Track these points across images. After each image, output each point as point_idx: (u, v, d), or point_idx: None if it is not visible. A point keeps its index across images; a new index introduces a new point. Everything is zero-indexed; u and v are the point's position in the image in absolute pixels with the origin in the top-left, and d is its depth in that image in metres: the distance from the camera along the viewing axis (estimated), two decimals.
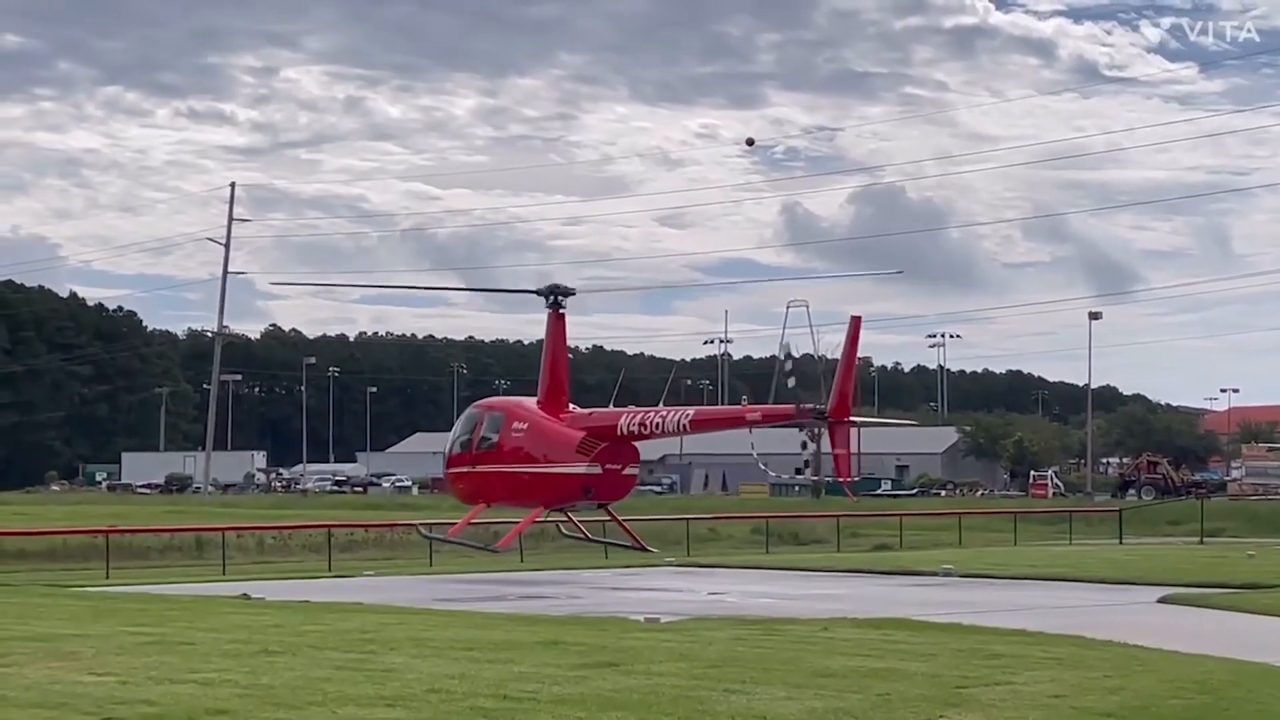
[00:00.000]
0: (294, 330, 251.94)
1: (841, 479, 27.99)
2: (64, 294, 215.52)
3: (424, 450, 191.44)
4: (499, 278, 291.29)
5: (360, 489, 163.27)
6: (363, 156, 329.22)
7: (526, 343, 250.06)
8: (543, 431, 29.47)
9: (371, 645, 22.12)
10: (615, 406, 36.90)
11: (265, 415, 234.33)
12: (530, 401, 33.38)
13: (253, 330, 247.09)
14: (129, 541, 59.72)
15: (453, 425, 39.14)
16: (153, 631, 24.44)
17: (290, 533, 65.60)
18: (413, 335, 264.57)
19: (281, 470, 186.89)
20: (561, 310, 32.52)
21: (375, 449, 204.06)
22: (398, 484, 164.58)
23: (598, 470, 28.22)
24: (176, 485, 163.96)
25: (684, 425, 29.92)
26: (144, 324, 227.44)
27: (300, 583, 42.86)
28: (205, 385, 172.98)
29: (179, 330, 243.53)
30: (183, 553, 61.22)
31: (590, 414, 31.25)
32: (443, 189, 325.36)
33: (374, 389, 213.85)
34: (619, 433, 29.18)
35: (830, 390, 30.49)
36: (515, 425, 31.17)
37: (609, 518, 38.50)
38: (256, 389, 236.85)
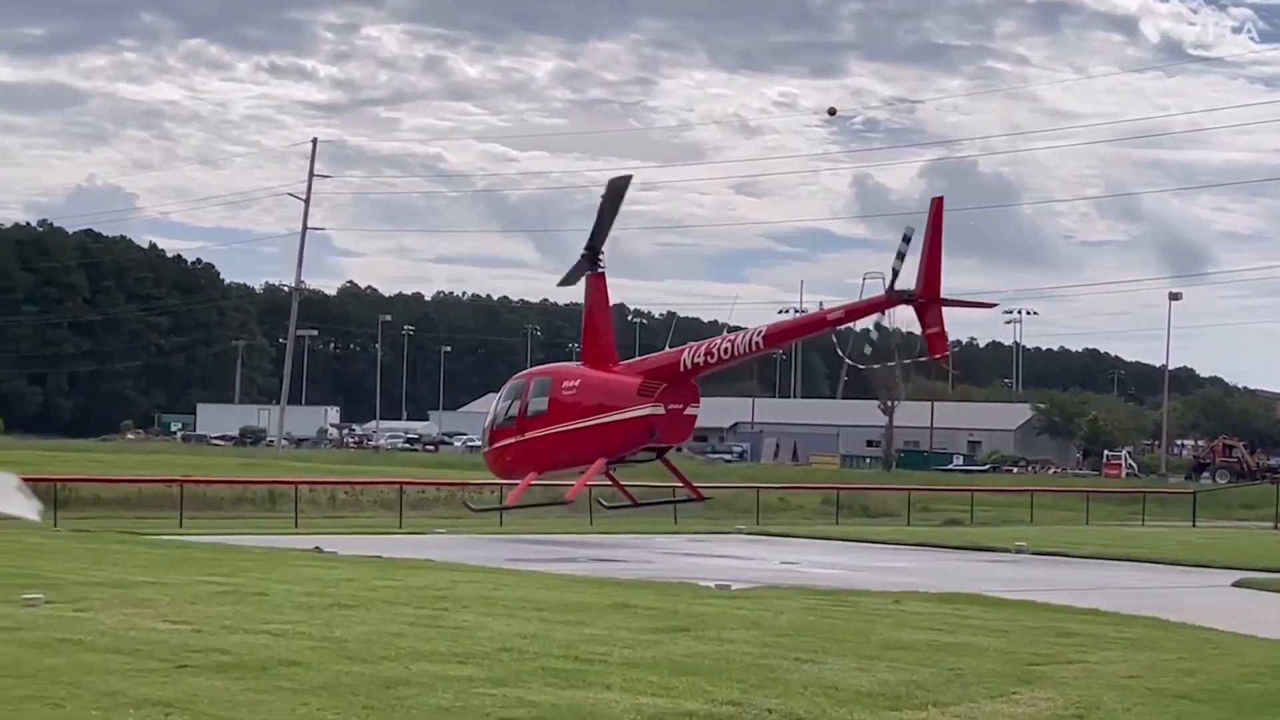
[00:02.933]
0: (370, 288, 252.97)
1: (937, 355, 26.78)
2: (143, 245, 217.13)
3: None
4: (570, 241, 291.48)
5: (432, 447, 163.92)
6: (441, 116, 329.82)
7: None
8: (598, 382, 28.43)
9: (443, 602, 22.19)
10: None
11: (340, 371, 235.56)
12: (574, 364, 32.52)
13: (329, 286, 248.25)
14: (202, 492, 60.10)
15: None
16: (227, 581, 24.61)
17: (362, 488, 65.85)
18: (488, 296, 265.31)
19: (354, 426, 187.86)
20: (601, 270, 31.63)
21: (448, 408, 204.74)
22: (469, 443, 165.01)
23: (661, 411, 27.00)
24: (250, 438, 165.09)
25: (756, 344, 28.18)
26: (221, 277, 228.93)
27: (372, 538, 43.08)
28: (281, 340, 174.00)
29: (256, 284, 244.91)
30: (255, 505, 61.54)
31: (645, 358, 30.40)
32: (520, 151, 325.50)
33: (448, 348, 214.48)
34: (681, 369, 27.82)
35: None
36: (565, 384, 30.32)
37: (647, 477, 37.35)
38: (332, 345, 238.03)
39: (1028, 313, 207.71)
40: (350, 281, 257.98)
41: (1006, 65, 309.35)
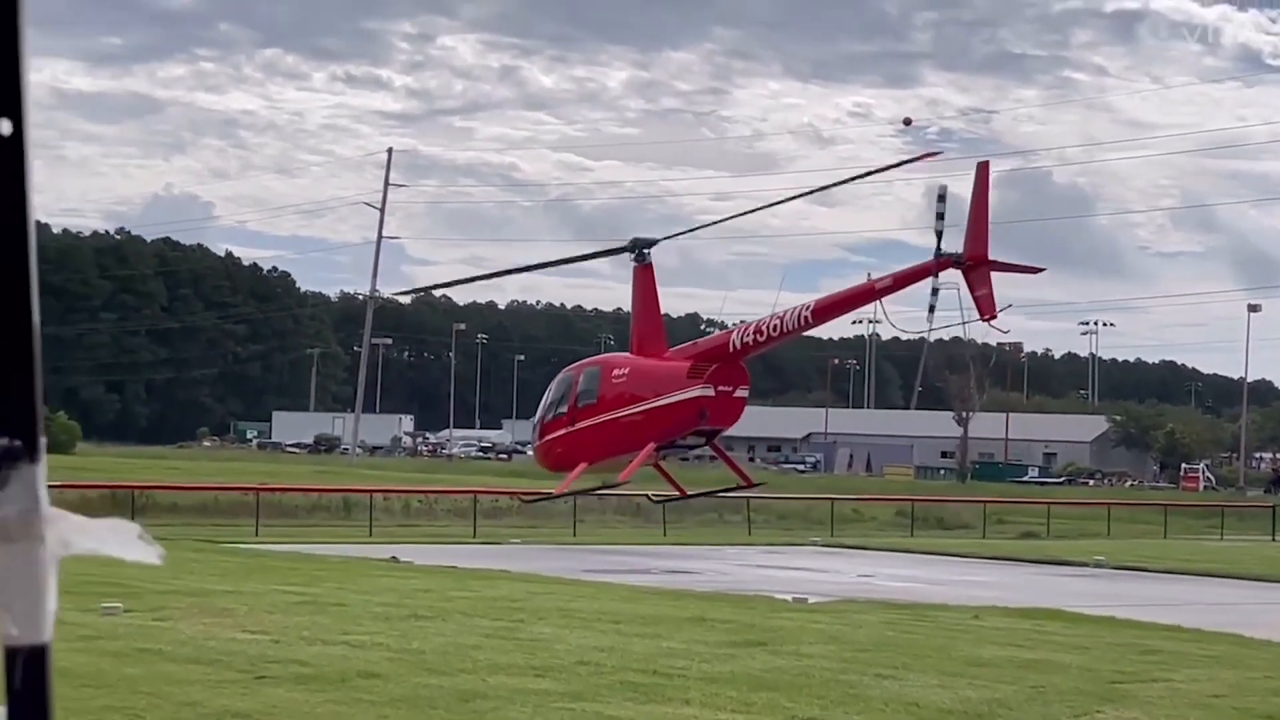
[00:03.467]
0: (444, 297, 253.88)
1: (986, 317, 26.58)
2: (220, 253, 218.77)
3: None
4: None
5: (505, 456, 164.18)
6: (515, 125, 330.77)
7: (674, 316, 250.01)
8: (648, 369, 28.37)
9: (520, 614, 22.14)
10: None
11: (414, 379, 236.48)
12: (623, 354, 32.59)
13: (404, 295, 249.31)
14: (278, 500, 60.39)
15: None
16: (304, 591, 24.65)
17: (436, 497, 66.00)
18: (561, 305, 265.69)
19: (428, 435, 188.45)
20: (647, 263, 31.58)
21: (521, 417, 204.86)
22: None
23: (711, 393, 26.86)
24: (325, 446, 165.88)
25: (805, 319, 27.97)
26: (297, 285, 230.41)
27: (446, 547, 43.12)
28: (356, 348, 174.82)
29: (331, 292, 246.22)
30: (330, 513, 61.77)
31: (695, 342, 30.41)
32: (594, 160, 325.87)
33: (521, 357, 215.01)
34: (731, 349, 27.73)
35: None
36: (615, 373, 30.24)
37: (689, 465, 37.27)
38: (406, 353, 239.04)
39: (1104, 324, 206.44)
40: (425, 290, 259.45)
41: (1083, 75, 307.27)
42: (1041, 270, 36.56)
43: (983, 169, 26.79)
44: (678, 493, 37.37)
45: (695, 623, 21.75)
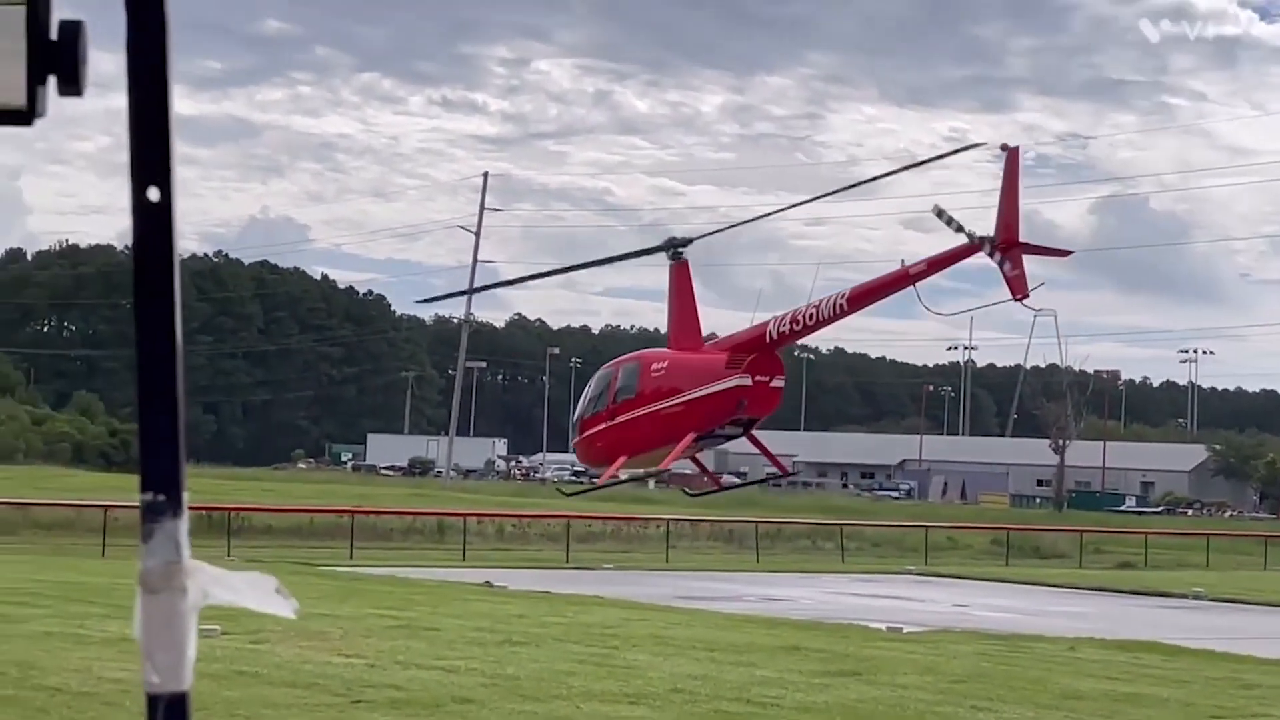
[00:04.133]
0: (539, 320, 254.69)
1: (1019, 297, 27.04)
2: (316, 276, 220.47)
3: None
4: (736, 275, 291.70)
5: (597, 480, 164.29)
6: (610, 150, 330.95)
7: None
8: (687, 361, 29.29)
9: (614, 640, 22.16)
10: None
11: (507, 403, 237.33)
12: (660, 349, 33.45)
13: (498, 318, 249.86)
14: (372, 522, 60.74)
15: None
16: (399, 615, 24.78)
17: (529, 521, 66.22)
18: (655, 330, 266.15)
19: (521, 458, 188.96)
20: (682, 260, 32.47)
21: None
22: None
23: (748, 382, 27.67)
24: (419, 468, 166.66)
25: (841, 307, 28.47)
26: (392, 308, 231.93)
27: (540, 572, 43.26)
28: (450, 371, 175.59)
29: (426, 316, 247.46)
30: (424, 535, 62.06)
31: (732, 334, 31.22)
32: (688, 185, 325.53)
33: None
34: (767, 339, 28.50)
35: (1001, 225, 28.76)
36: (654, 367, 31.05)
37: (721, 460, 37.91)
38: (500, 377, 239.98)
39: (1203, 352, 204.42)
40: (518, 314, 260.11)
41: (1182, 101, 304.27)
42: (1070, 253, 37.03)
43: (1013, 155, 27.48)
44: (714, 486, 38.31)
45: (789, 651, 21.70)
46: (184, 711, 1.59)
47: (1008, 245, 26.53)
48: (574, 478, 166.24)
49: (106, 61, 1.83)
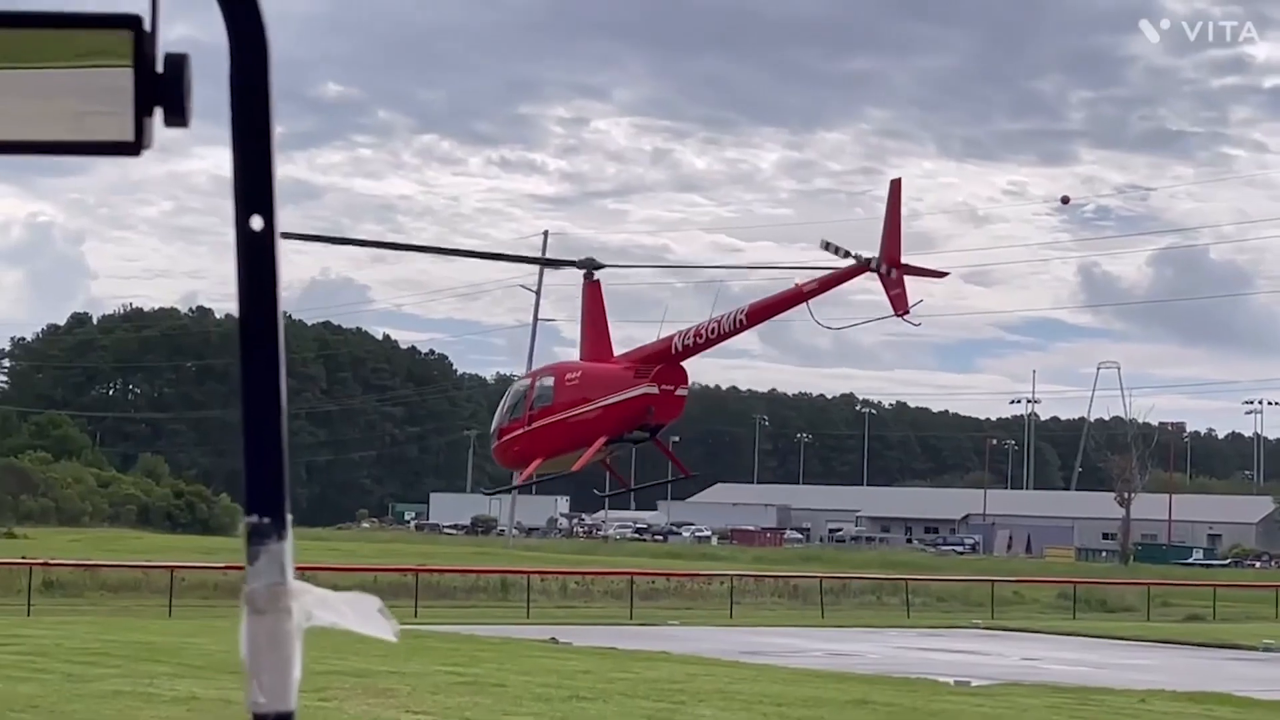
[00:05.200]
0: None
1: (900, 313, 29.00)
2: (378, 336, 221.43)
3: (724, 501, 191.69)
4: (793, 330, 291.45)
5: (660, 537, 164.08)
6: (669, 207, 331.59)
7: (829, 397, 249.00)
8: (598, 371, 31.28)
9: (680, 696, 22.10)
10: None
11: None
12: (574, 360, 35.29)
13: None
14: (436, 581, 60.78)
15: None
16: (465, 672, 24.79)
17: (593, 578, 66.15)
18: (716, 386, 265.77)
19: (584, 516, 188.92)
20: (595, 280, 34.18)
21: (676, 498, 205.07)
22: (698, 534, 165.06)
23: (655, 391, 29.47)
24: (482, 527, 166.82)
25: (740, 321, 30.35)
26: (454, 367, 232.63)
27: (604, 628, 43.17)
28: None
29: (487, 374, 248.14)
30: (488, 594, 62.06)
31: (640, 347, 32.97)
32: (746, 241, 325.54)
33: (676, 438, 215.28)
34: (673, 352, 30.28)
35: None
36: (568, 377, 33.15)
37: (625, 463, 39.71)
38: None
39: (1268, 403, 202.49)
40: None
41: (1242, 151, 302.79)
42: (946, 275, 39.50)
43: (895, 185, 29.58)
44: (623, 486, 40.58)
45: (857, 705, 21.59)
46: None
47: (890, 266, 28.49)
48: (636, 535, 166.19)
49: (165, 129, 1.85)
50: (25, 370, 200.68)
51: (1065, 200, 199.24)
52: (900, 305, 29.20)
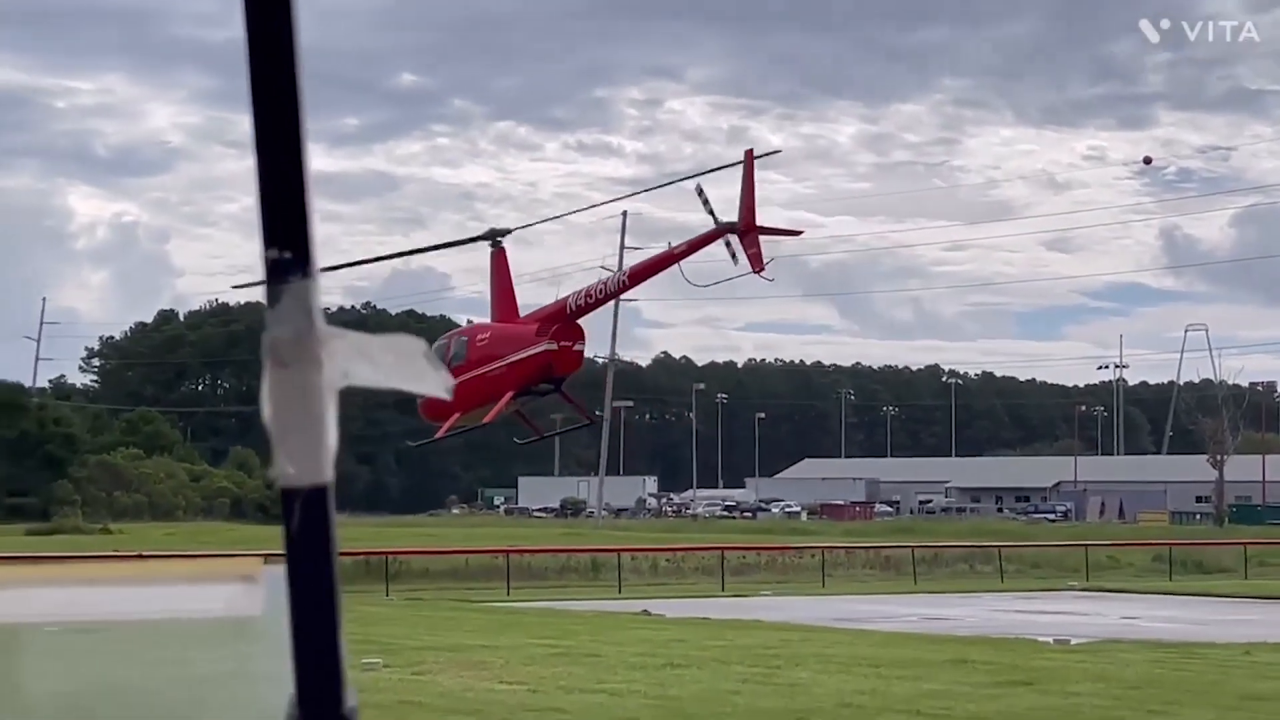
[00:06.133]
0: (684, 357, 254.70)
1: (757, 270, 31.44)
2: (462, 323, 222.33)
3: (813, 476, 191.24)
4: (875, 303, 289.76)
5: (750, 514, 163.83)
6: None
7: (915, 369, 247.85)
8: (504, 331, 34.07)
9: (776, 660, 21.84)
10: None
11: (656, 441, 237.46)
12: (485, 322, 37.87)
13: (642, 358, 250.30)
14: (527, 562, 60.72)
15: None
16: (558, 644, 24.63)
17: (683, 555, 65.90)
18: (800, 361, 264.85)
19: (672, 495, 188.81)
20: (500, 248, 36.45)
21: (764, 474, 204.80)
22: (787, 509, 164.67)
23: (555, 347, 31.86)
24: (571, 509, 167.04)
25: (623, 282, 33.82)
26: None
27: (696, 601, 42.95)
28: (597, 411, 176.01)
29: None
30: (579, 573, 61.92)
31: (539, 309, 35.33)
32: (825, 216, 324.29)
33: (762, 415, 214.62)
34: (568, 312, 32.63)
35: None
36: (479, 338, 35.78)
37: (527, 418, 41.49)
38: (647, 415, 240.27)
39: None
40: (663, 352, 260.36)
41: None
42: (801, 233, 42.29)
43: (748, 155, 31.78)
44: (536, 434, 42.44)
45: (956, 665, 21.26)
46: (325, 507, 1.36)
47: (746, 229, 30.31)
48: (725, 513, 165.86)
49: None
50: (115, 368, 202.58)
51: (1147, 161, 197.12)
52: (756, 264, 32.19)
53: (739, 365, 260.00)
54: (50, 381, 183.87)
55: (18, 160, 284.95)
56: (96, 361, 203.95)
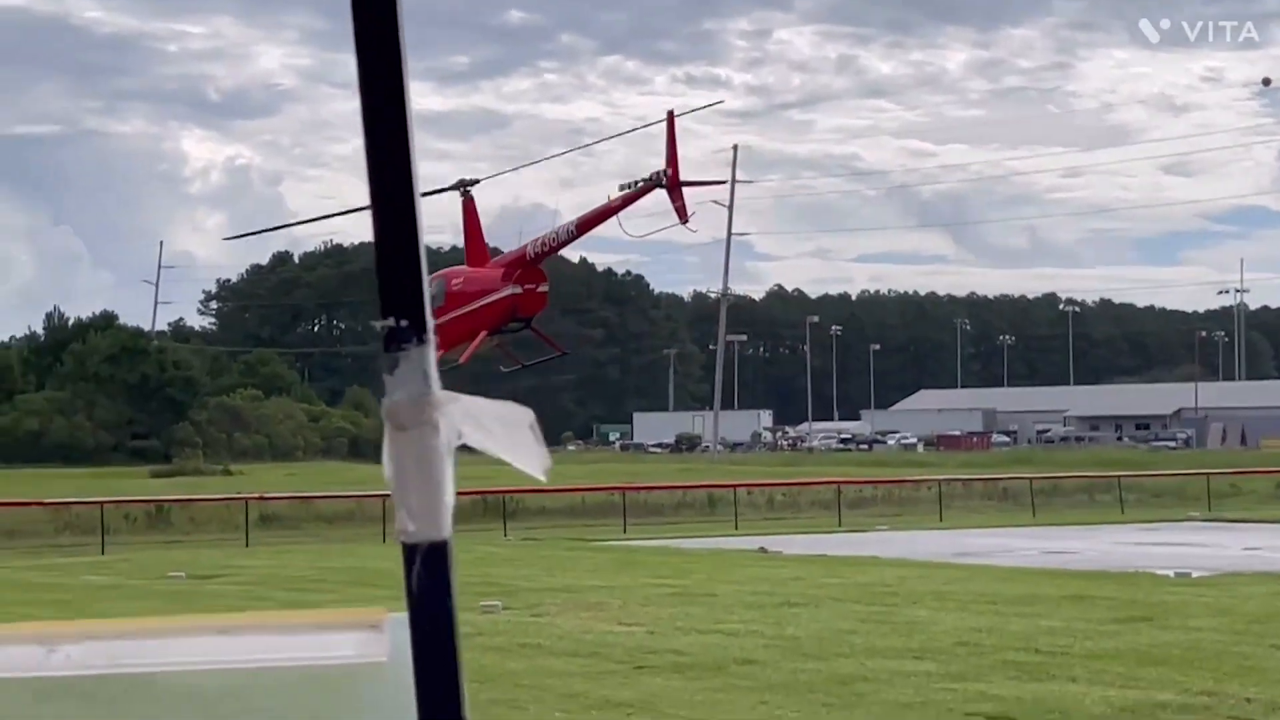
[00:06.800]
0: (796, 290, 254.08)
1: (683, 222, 33.20)
2: (574, 260, 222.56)
3: (928, 407, 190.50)
4: (989, 232, 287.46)
5: (866, 446, 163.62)
6: (856, 115, 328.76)
7: (1031, 297, 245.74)
8: (475, 276, 36.43)
9: (893, 598, 21.88)
10: None
11: (770, 374, 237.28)
12: (460, 267, 39.82)
13: (755, 291, 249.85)
14: (643, 498, 61.04)
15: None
16: (675, 583, 24.78)
17: (799, 489, 66.01)
18: (914, 292, 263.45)
19: (787, 429, 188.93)
20: (470, 197, 38.40)
21: (879, 407, 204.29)
22: (903, 441, 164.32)
23: (519, 290, 33.52)
24: (686, 444, 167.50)
25: (571, 232, 35.36)
26: (650, 287, 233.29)
27: (813, 537, 43.02)
28: (711, 346, 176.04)
29: (683, 293, 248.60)
30: (695, 509, 62.19)
31: (504, 255, 37.46)
32: (937, 145, 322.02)
33: (877, 346, 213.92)
34: (528, 257, 35.02)
35: None
36: (454, 282, 38.04)
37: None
38: (761, 349, 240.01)
39: None
40: (777, 285, 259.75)
41: None
42: (724, 183, 43.91)
43: (669, 116, 33.13)
44: (517, 364, 44.39)
45: (1075, 600, 21.20)
46: (445, 561, 1.42)
47: (672, 183, 31.23)
48: (841, 445, 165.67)
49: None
50: (232, 311, 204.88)
51: (1266, 82, 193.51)
52: (682, 215, 33.36)
53: (853, 297, 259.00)
54: (169, 325, 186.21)
55: (131, 105, 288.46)
56: (214, 304, 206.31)
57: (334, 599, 24.43)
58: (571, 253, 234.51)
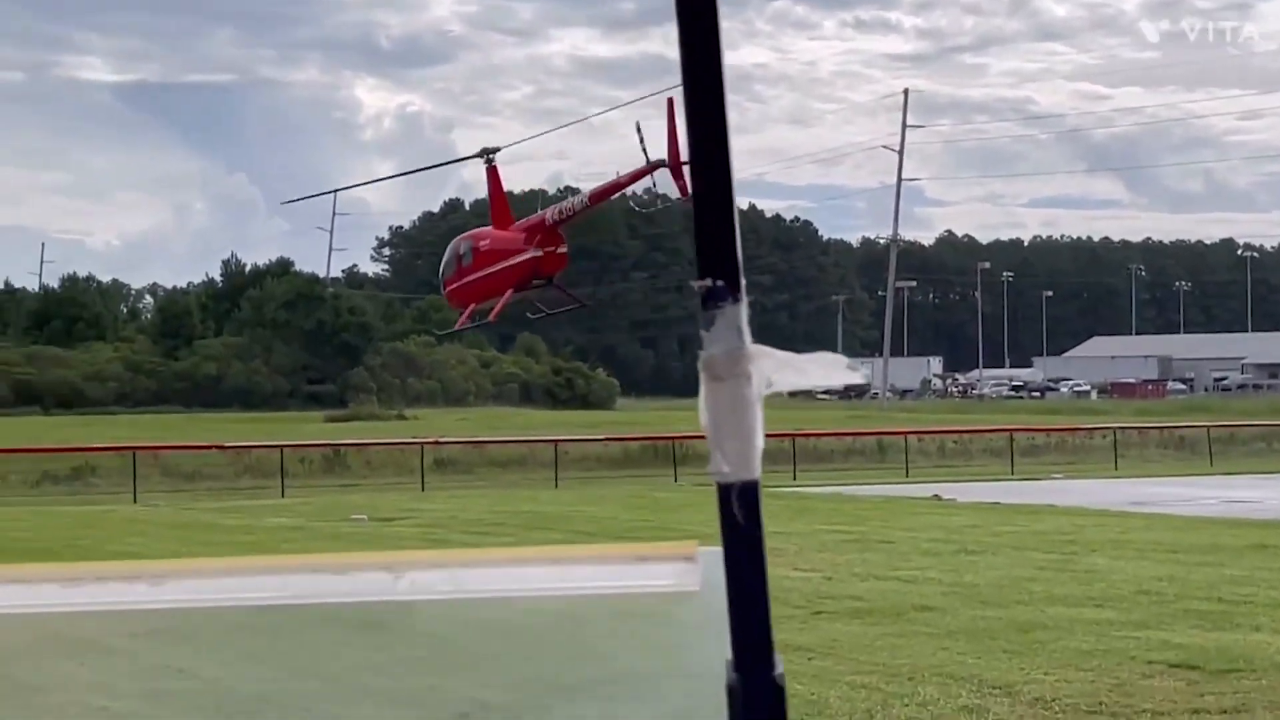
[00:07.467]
0: (967, 236, 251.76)
1: (686, 199, 32.82)
2: (743, 206, 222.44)
3: (1102, 354, 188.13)
4: (1164, 176, 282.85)
5: (1038, 394, 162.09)
6: (1029, 58, 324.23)
7: (1207, 242, 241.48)
8: (501, 237, 38.56)
9: (1072, 546, 21.81)
10: None
11: (940, 321, 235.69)
12: (487, 228, 41.27)
13: (925, 237, 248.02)
14: (813, 445, 61.05)
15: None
16: (850, 530, 24.89)
17: (971, 437, 65.65)
18: (1087, 238, 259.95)
19: (958, 376, 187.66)
20: (493, 164, 40.13)
21: (1051, 353, 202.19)
22: (1076, 389, 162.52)
23: (540, 253, 36.59)
24: (855, 391, 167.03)
25: (584, 203, 37.63)
26: (819, 233, 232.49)
27: (986, 485, 42.86)
28: (880, 292, 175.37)
29: (852, 239, 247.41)
30: (865, 456, 62.11)
31: (526, 219, 39.47)
32: (1111, 88, 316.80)
33: (1049, 293, 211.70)
34: (546, 223, 37.16)
35: None
36: (481, 243, 40.16)
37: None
38: (931, 295, 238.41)
39: None
40: (947, 230, 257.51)
41: None
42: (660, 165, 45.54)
43: (669, 104, 32.94)
44: (544, 312, 45.70)
45: (1257, 550, 21.02)
46: (756, 500, 1.57)
47: (672, 164, 32.04)
48: (1012, 392, 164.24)
49: (526, 10, 1.82)
50: (405, 258, 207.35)
51: None
52: (684, 193, 33.27)
53: (1024, 242, 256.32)
54: (344, 271, 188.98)
55: (304, 54, 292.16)
56: (386, 251, 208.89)
57: (512, 541, 24.82)
58: (740, 198, 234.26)
